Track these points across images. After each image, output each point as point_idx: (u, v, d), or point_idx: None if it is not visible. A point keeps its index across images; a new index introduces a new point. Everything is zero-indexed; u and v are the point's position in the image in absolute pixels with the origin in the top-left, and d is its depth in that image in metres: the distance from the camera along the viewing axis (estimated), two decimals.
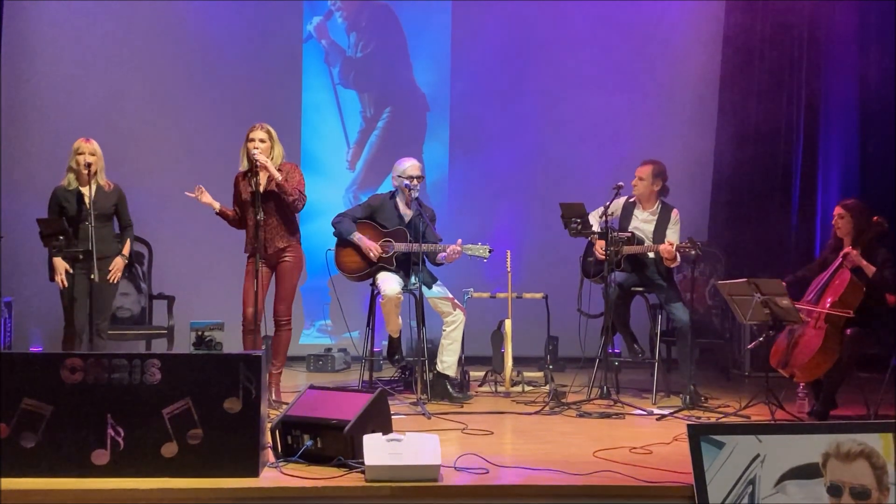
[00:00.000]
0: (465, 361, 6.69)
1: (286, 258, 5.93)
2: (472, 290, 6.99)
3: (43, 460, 3.89)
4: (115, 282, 5.98)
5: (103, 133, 6.26)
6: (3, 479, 3.79)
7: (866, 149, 8.34)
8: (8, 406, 3.91)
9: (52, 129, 7.87)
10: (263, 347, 5.88)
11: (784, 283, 5.63)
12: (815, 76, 8.50)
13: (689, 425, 4.05)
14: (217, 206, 5.97)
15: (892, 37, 7.82)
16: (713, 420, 5.53)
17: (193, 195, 5.92)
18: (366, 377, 6.60)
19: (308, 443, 4.19)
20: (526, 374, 6.91)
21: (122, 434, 3.91)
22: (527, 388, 6.76)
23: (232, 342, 6.23)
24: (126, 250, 6.04)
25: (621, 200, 6.51)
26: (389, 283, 6.29)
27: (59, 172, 6.03)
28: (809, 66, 8.48)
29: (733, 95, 8.60)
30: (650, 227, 6.45)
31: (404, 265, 6.44)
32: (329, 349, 8.12)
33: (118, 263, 5.95)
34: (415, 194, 6.44)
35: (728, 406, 6.08)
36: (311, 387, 4.60)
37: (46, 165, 7.22)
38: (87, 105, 8.02)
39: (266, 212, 5.78)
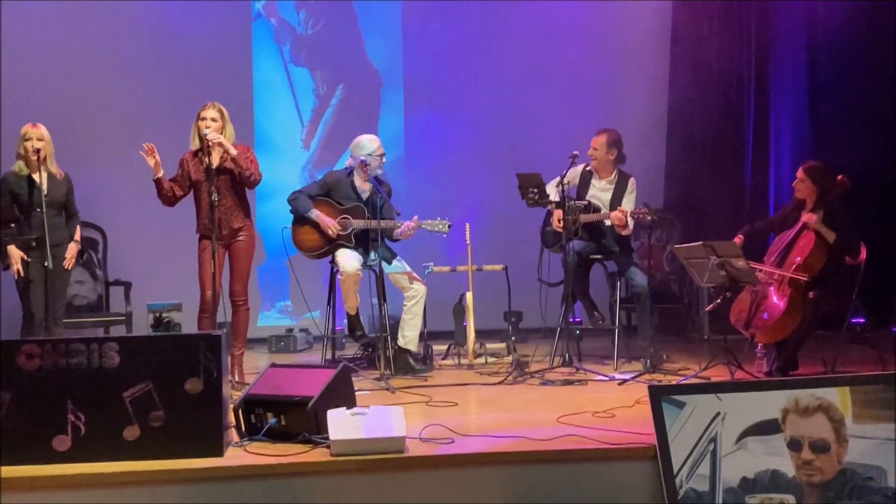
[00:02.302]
0: (428, 336, 6.70)
1: (240, 238, 5.87)
2: (432, 264, 6.99)
3: (3, 448, 3.83)
4: (70, 268, 5.90)
5: (51, 118, 6.14)
6: None
7: (816, 100, 8.41)
8: None
9: None
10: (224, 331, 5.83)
11: (738, 242, 5.71)
12: (764, 25, 8.52)
13: (649, 387, 4.10)
14: (160, 172, 5.81)
15: None
16: (674, 382, 5.60)
17: (143, 152, 5.77)
18: (329, 355, 6.59)
19: (272, 420, 4.18)
20: (488, 345, 6.94)
21: (83, 419, 3.87)
22: (490, 360, 6.78)
23: (191, 323, 6.21)
24: (77, 236, 5.97)
25: (578, 169, 6.54)
26: (348, 259, 6.27)
27: (6, 159, 5.92)
28: (759, 17, 8.50)
29: (685, 53, 8.63)
30: (607, 196, 6.49)
31: (363, 241, 6.41)
32: (290, 330, 8.08)
33: (72, 250, 5.88)
34: (378, 171, 6.41)
35: (688, 368, 6.15)
36: (273, 365, 4.58)
37: None
38: (33, 89, 7.84)
39: (220, 192, 5.71)
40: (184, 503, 3.73)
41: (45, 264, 5.61)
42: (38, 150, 5.71)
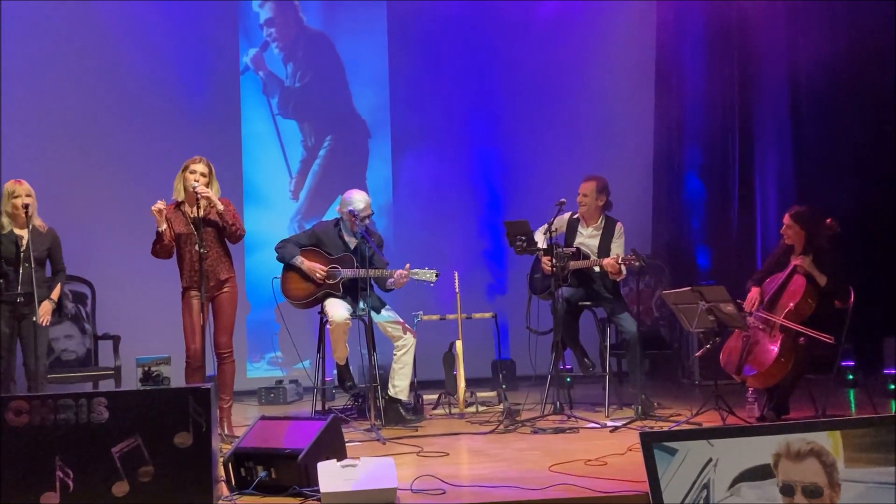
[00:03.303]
0: (418, 385, 6.68)
1: (225, 290, 5.85)
2: (421, 312, 6.99)
3: None
4: (46, 325, 5.85)
5: (38, 172, 6.17)
6: None
7: (800, 142, 8.48)
8: None
9: None
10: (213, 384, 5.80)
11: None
12: (747, 70, 8.58)
13: (641, 433, 4.03)
14: (164, 226, 5.79)
15: (819, 24, 7.96)
16: (665, 428, 5.58)
17: (156, 207, 5.72)
18: (318, 406, 6.55)
19: (262, 474, 4.15)
20: (479, 394, 6.91)
21: (72, 475, 3.83)
22: (481, 409, 6.75)
23: (180, 377, 6.17)
24: (55, 294, 5.92)
25: (565, 216, 6.58)
26: (337, 309, 6.27)
27: None
28: (741, 62, 8.59)
29: (669, 98, 8.74)
30: (595, 242, 6.52)
31: (352, 291, 6.41)
32: (280, 381, 8.04)
33: (45, 307, 5.80)
34: (363, 225, 6.43)
35: (679, 414, 6.13)
36: (263, 417, 4.55)
37: None
38: (20, 144, 7.87)
39: (206, 244, 5.69)
40: None
41: (35, 319, 5.58)
42: (26, 206, 5.72)
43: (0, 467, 3.81)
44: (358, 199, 6.48)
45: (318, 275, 6.34)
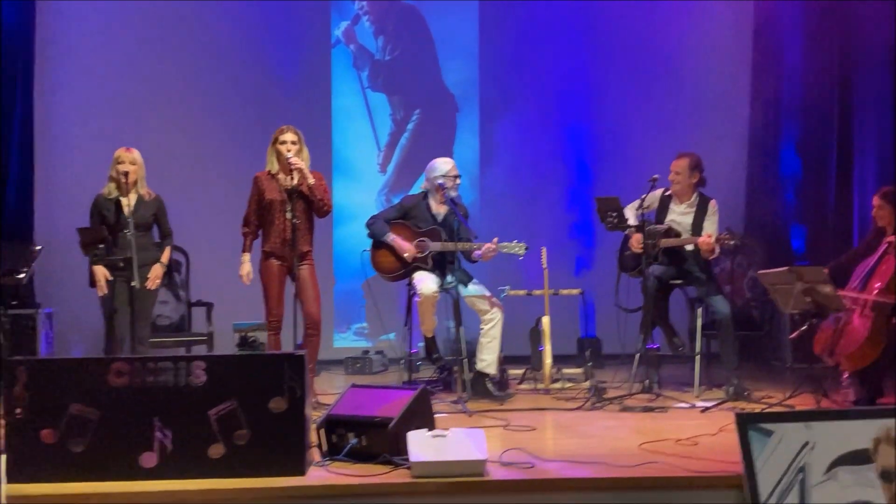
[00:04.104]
0: (504, 360, 6.66)
1: (305, 263, 5.93)
2: (508, 287, 6.97)
3: (92, 464, 3.92)
4: (154, 289, 6.01)
5: (137, 142, 6.29)
6: (54, 485, 3.83)
7: None
8: (56, 412, 3.94)
9: (86, 141, 7.95)
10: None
11: (826, 271, 5.57)
12: (847, 47, 8.26)
13: (737, 414, 4.01)
14: (247, 263, 6.01)
15: None
16: (758, 410, 5.47)
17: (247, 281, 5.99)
18: (405, 378, 6.59)
19: (353, 441, 4.20)
20: (565, 370, 6.88)
21: (170, 436, 3.93)
22: (566, 385, 6.72)
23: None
24: (164, 258, 6.07)
25: (658, 193, 6.48)
26: (426, 282, 6.29)
27: (94, 182, 6.07)
28: (842, 37, 8.30)
29: (766, 74, 8.50)
30: (688, 220, 6.40)
31: (440, 264, 6.42)
32: (366, 352, 8.12)
33: (157, 270, 5.98)
34: (453, 193, 6.43)
35: (771, 397, 6.00)
36: (354, 385, 4.60)
37: (81, 176, 7.29)
38: (121, 114, 8.09)
39: (296, 213, 5.79)
40: None
41: (132, 284, 5.72)
42: (126, 174, 5.85)
43: (101, 427, 3.92)
44: (440, 163, 6.50)
45: (406, 255, 6.36)
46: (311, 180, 5.81)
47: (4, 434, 3.95)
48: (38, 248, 6.52)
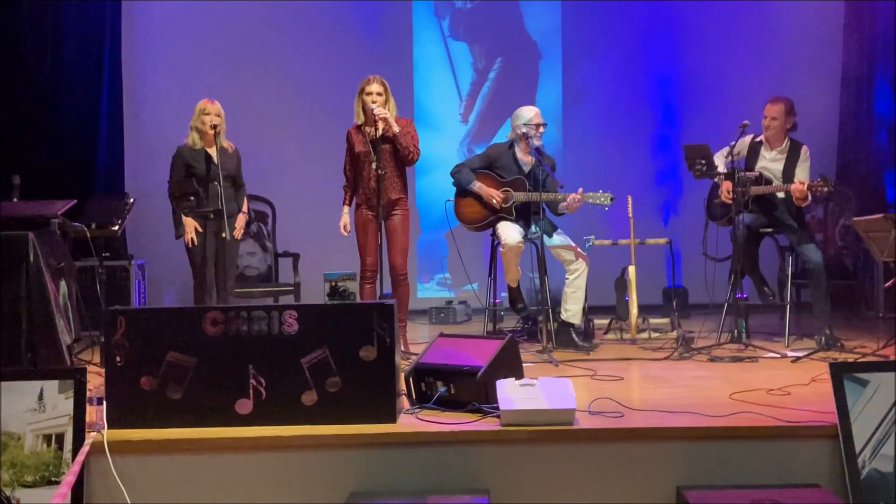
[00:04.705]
0: (589, 310, 6.63)
1: (397, 212, 5.98)
2: (593, 237, 6.91)
3: (189, 411, 4.02)
4: (239, 238, 6.14)
5: (222, 94, 6.38)
6: (153, 430, 3.95)
7: None
8: (154, 360, 4.05)
9: (173, 92, 8.07)
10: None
11: None
12: None
13: (831, 363, 3.94)
14: (346, 215, 6.10)
15: None
16: (851, 360, 5.36)
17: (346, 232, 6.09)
18: (490, 327, 6.61)
19: (442, 389, 4.24)
20: (651, 320, 6.82)
21: (264, 384, 4.01)
22: (653, 335, 6.66)
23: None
24: (245, 208, 6.19)
25: (747, 139, 6.33)
26: (510, 231, 6.27)
27: (182, 134, 6.17)
28: None
29: (859, 16, 8.20)
30: (779, 167, 6.25)
31: (524, 214, 6.39)
32: (450, 302, 8.17)
33: (241, 220, 6.11)
34: (537, 142, 6.38)
35: (864, 346, 5.87)
36: (441, 335, 4.63)
37: (169, 128, 7.42)
38: (200, 70, 8.20)
39: (382, 163, 5.82)
40: (358, 468, 3.82)
41: (223, 235, 5.83)
42: (214, 126, 5.94)
43: (197, 375, 4.02)
44: (524, 111, 6.45)
45: (494, 201, 6.34)
46: (396, 129, 5.83)
47: (105, 381, 4.07)
48: (131, 200, 6.68)
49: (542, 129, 6.39)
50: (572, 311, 6.27)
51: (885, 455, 3.78)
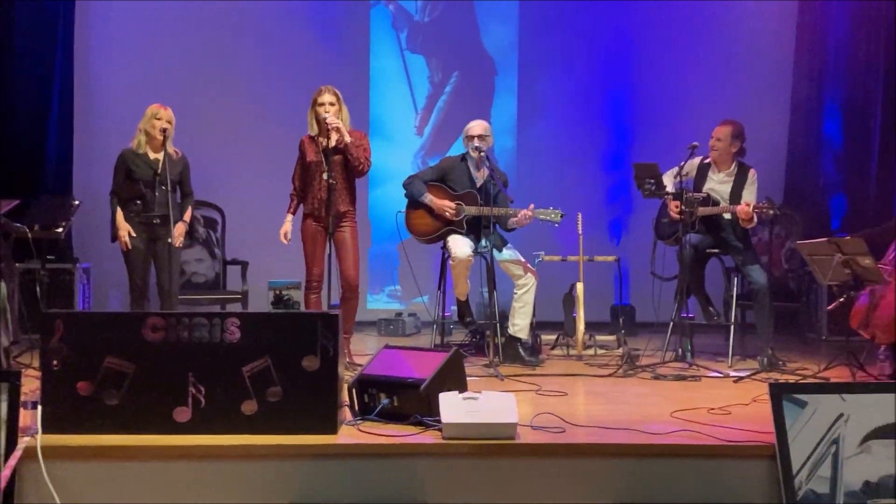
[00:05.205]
0: (536, 326, 6.65)
1: (345, 225, 5.95)
2: (543, 253, 6.95)
3: (126, 417, 3.95)
4: (179, 246, 6.05)
5: (174, 100, 6.32)
6: (88, 436, 3.88)
7: None
8: (92, 365, 3.97)
9: (125, 96, 7.97)
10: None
11: (864, 241, 5.49)
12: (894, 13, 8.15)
13: (771, 384, 3.98)
14: (289, 223, 6.06)
15: None
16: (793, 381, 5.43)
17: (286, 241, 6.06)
18: (438, 340, 6.61)
19: (385, 401, 4.21)
20: (598, 337, 6.86)
21: (204, 392, 3.96)
22: (599, 352, 6.71)
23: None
24: (187, 216, 6.12)
25: (696, 161, 6.40)
26: (460, 245, 6.27)
27: (128, 138, 6.10)
28: (889, 13, 8.12)
29: (811, 42, 8.35)
30: (726, 189, 6.33)
31: (475, 228, 6.41)
32: (399, 314, 8.15)
33: (180, 228, 6.01)
34: (474, 154, 6.38)
35: (806, 368, 5.94)
36: (387, 346, 4.61)
37: (119, 132, 7.30)
38: (155, 74, 8.11)
39: (334, 174, 5.80)
40: (298, 479, 3.78)
41: (169, 241, 5.76)
42: (164, 130, 5.89)
43: (136, 381, 3.96)
44: (473, 123, 6.45)
45: (447, 213, 6.34)
46: (348, 139, 5.81)
47: (41, 385, 4.00)
48: (77, 202, 6.59)
49: (482, 142, 6.37)
50: (520, 325, 6.28)
51: (821, 476, 3.82)
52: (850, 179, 8.24)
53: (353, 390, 4.32)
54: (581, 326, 6.65)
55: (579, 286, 6.74)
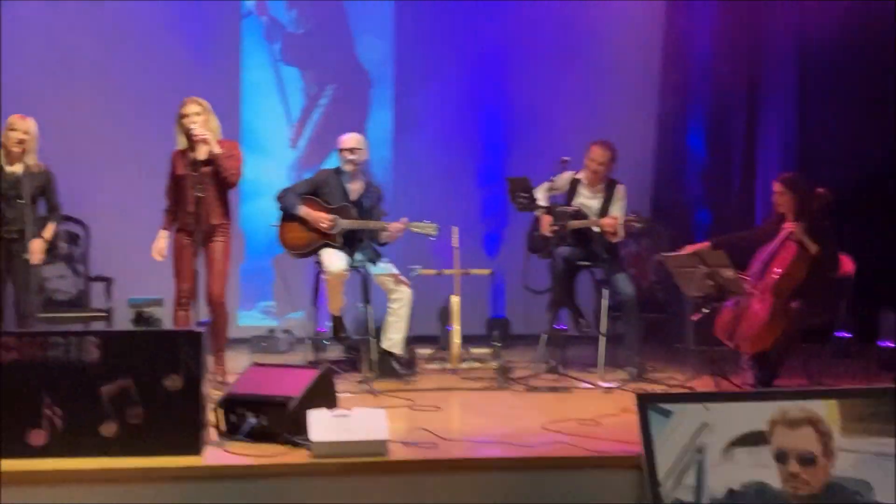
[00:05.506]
0: (412, 340, 6.62)
1: (218, 238, 5.81)
2: (418, 267, 6.93)
3: None
4: (37, 263, 5.79)
5: (37, 113, 6.06)
6: None
7: (804, 110, 8.39)
8: None
9: None
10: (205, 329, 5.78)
11: (726, 253, 5.68)
12: (756, 38, 8.44)
13: (637, 394, 4.03)
14: (163, 239, 5.88)
15: None
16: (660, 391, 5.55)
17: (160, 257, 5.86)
18: (311, 357, 6.51)
19: (252, 420, 4.11)
20: (473, 350, 6.88)
21: (60, 414, 3.79)
22: (474, 365, 6.72)
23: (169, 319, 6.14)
24: (47, 233, 5.86)
25: (567, 175, 6.51)
26: (334, 259, 6.20)
27: None
28: (751, 29, 8.44)
29: (676, 61, 8.63)
30: (596, 204, 6.46)
31: (349, 242, 6.34)
32: (272, 330, 7.99)
33: (36, 245, 5.73)
34: (347, 168, 6.34)
35: (673, 378, 6.10)
36: (255, 364, 4.52)
37: None
38: (18, 83, 7.76)
39: (204, 186, 5.65)
40: (160, 503, 3.65)
41: (25, 257, 5.52)
42: (21, 142, 5.65)
43: None
44: (346, 136, 6.43)
45: (322, 225, 6.26)
46: (217, 150, 5.69)
47: None
48: None
49: (352, 155, 6.33)
50: (394, 339, 6.25)
51: (686, 485, 3.89)
52: (713, 194, 8.53)
53: (220, 410, 4.20)
54: (456, 340, 6.65)
55: (454, 299, 6.76)
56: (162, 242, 5.87)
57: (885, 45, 7.64)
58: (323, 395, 4.24)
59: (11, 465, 3.68)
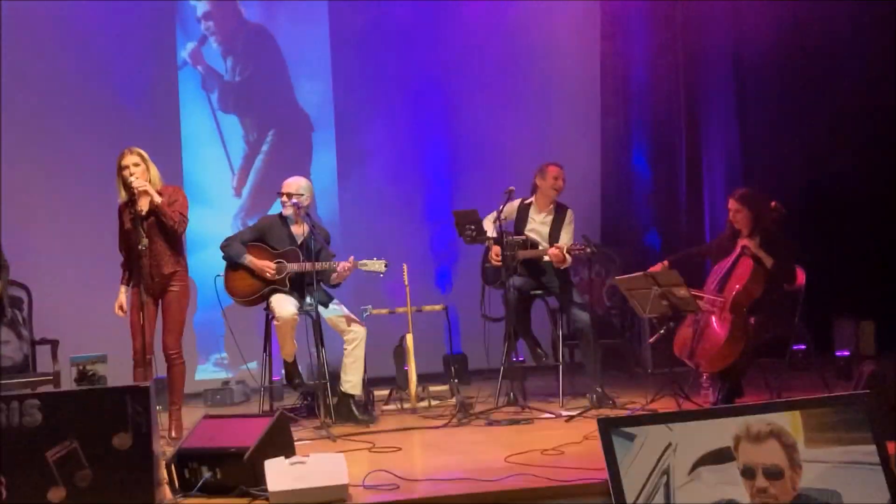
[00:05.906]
0: (369, 382, 6.51)
1: (173, 287, 5.69)
2: (370, 306, 6.83)
3: None
4: None
5: None
6: None
7: (745, 123, 8.50)
8: None
9: None
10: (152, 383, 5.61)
11: (676, 271, 5.67)
12: (691, 49, 8.56)
13: (599, 419, 3.96)
14: (122, 294, 5.74)
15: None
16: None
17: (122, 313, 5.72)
18: (266, 406, 6.37)
19: (207, 475, 3.98)
20: (431, 388, 6.78)
21: (4, 482, 3.63)
22: (433, 403, 6.62)
23: (118, 377, 5.98)
24: None
25: (515, 203, 6.49)
26: (284, 304, 6.09)
27: None
28: (686, 41, 8.56)
29: (615, 80, 8.70)
30: (546, 230, 6.44)
31: (298, 286, 6.24)
32: (227, 382, 7.83)
33: None
34: (288, 212, 6.26)
35: (634, 402, 6.06)
36: (207, 416, 4.39)
37: None
38: None
39: (150, 237, 5.53)
40: None
41: None
42: None
43: None
44: (287, 181, 6.34)
45: (268, 273, 6.15)
46: (158, 199, 5.57)
47: None
48: None
49: (294, 199, 6.24)
50: (352, 381, 6.13)
51: None
52: (661, 216, 8.57)
53: (172, 466, 4.06)
54: (413, 378, 6.56)
55: (409, 338, 6.67)
56: (122, 297, 5.72)
57: (819, 53, 7.77)
58: (279, 443, 4.13)
59: None
